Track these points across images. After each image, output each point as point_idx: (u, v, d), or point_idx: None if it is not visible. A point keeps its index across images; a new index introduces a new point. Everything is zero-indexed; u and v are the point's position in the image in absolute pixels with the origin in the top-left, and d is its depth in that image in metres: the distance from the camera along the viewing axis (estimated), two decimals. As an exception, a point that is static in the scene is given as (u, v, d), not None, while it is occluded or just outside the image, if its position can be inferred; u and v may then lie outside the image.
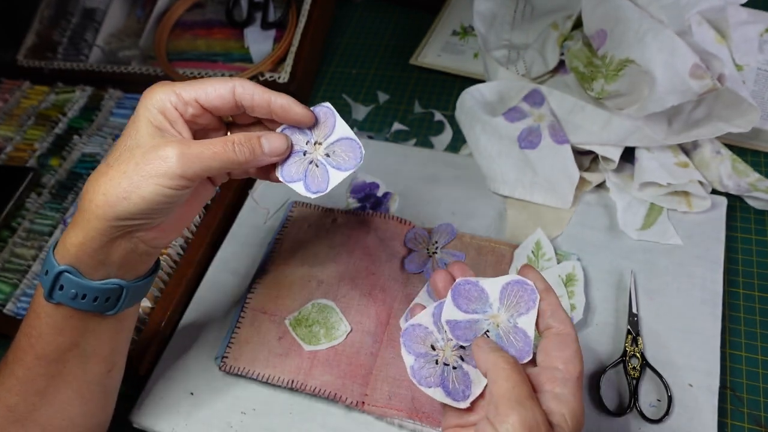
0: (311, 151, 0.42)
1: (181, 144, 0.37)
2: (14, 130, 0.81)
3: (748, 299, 0.53)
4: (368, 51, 0.84)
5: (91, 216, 0.37)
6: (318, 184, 0.42)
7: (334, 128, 0.42)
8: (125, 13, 0.93)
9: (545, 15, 0.72)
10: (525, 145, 0.58)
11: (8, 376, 0.41)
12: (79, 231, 0.38)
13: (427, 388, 0.38)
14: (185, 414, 0.53)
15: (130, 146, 0.38)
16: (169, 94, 0.38)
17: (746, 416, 0.48)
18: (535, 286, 0.39)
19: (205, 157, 0.38)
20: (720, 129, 0.54)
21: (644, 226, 0.56)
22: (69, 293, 0.38)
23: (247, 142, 0.39)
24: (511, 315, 0.39)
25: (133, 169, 0.36)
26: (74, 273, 0.38)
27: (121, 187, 0.36)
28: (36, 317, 0.40)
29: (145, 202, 0.37)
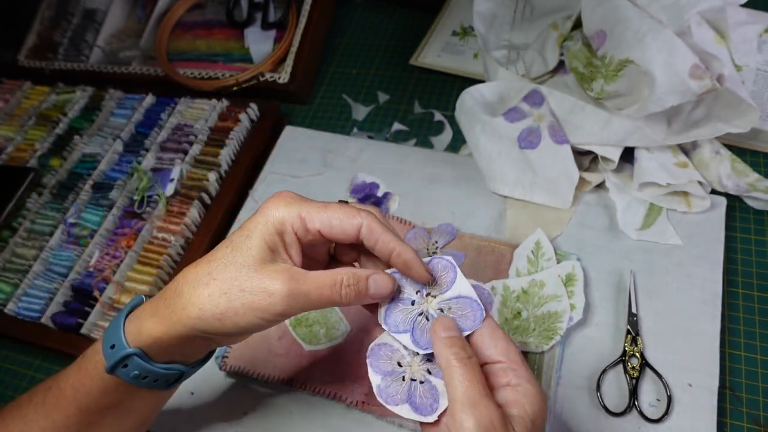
0: (421, 302, 0.38)
1: (290, 282, 0.35)
2: (15, 130, 0.82)
3: (748, 299, 0.53)
4: (368, 51, 0.84)
5: (178, 321, 0.36)
6: (427, 340, 0.37)
7: (454, 284, 0.38)
8: (126, 13, 0.94)
9: (545, 15, 0.72)
10: (525, 146, 0.58)
11: (44, 418, 0.41)
12: (161, 326, 0.37)
13: (394, 406, 0.37)
14: (185, 414, 0.53)
15: (237, 261, 0.36)
16: (294, 218, 0.37)
17: (745, 416, 0.48)
18: None
19: (311, 298, 0.36)
20: (719, 129, 0.54)
21: (644, 226, 0.56)
22: (132, 373, 0.38)
23: (355, 285, 0.37)
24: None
25: (236, 295, 0.35)
26: (142, 357, 0.37)
27: (218, 309, 0.35)
28: (88, 378, 0.39)
29: (238, 328, 0.36)
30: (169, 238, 0.64)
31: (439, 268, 0.39)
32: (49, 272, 0.65)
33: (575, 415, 0.48)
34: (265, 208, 0.37)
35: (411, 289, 0.39)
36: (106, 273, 0.63)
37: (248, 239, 0.36)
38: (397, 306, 0.39)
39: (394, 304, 0.39)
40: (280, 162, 0.70)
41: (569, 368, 0.50)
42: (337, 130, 0.75)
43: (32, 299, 0.63)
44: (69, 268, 0.65)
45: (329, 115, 0.78)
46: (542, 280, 0.53)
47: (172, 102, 0.78)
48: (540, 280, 0.53)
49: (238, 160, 0.71)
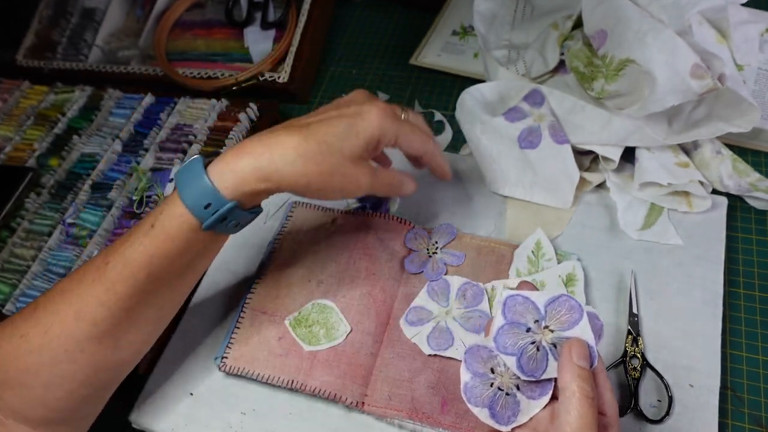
0: (537, 331, 0.39)
1: (372, 177, 0.47)
2: (13, 130, 0.81)
3: (749, 299, 0.53)
4: (368, 51, 0.83)
5: (285, 183, 0.43)
6: (532, 369, 0.38)
7: (576, 326, 0.39)
8: (125, 12, 0.93)
9: (545, 15, 0.72)
10: (525, 145, 0.58)
11: (105, 291, 0.42)
12: (266, 183, 0.42)
13: (474, 407, 0.39)
14: (185, 414, 0.53)
15: (344, 152, 0.44)
16: (393, 136, 0.47)
17: (747, 417, 0.48)
18: None
19: (376, 188, 0.48)
20: (720, 129, 0.54)
21: (645, 226, 0.56)
22: (230, 224, 0.44)
23: (399, 184, 0.51)
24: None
25: (338, 178, 0.44)
26: (240, 207, 0.43)
27: (324, 183, 0.44)
28: (170, 241, 0.42)
29: (325, 197, 0.46)
30: (168, 238, 0.64)
31: (566, 307, 0.40)
32: (47, 272, 0.65)
33: (576, 416, 0.47)
34: (372, 115, 0.45)
35: (530, 317, 0.40)
36: (105, 273, 0.62)
37: (356, 138, 0.45)
38: (512, 328, 0.39)
39: (509, 326, 0.39)
40: (280, 162, 0.70)
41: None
42: (337, 130, 0.74)
43: (31, 300, 0.63)
44: (68, 268, 0.64)
45: (329, 114, 0.77)
46: (543, 280, 0.53)
47: (171, 102, 0.78)
48: (540, 280, 0.53)
49: (238, 160, 0.71)
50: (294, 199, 0.65)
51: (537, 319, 0.39)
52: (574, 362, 0.36)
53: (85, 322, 0.42)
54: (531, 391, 0.38)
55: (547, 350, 0.38)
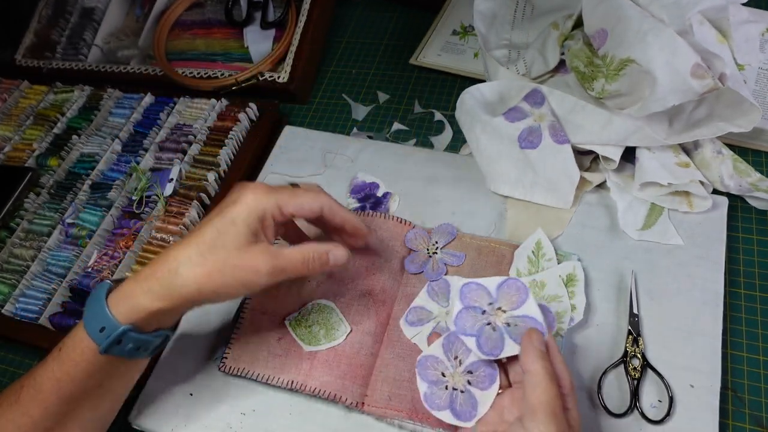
0: (491, 313, 0.43)
1: (272, 260, 0.43)
2: (13, 129, 0.81)
3: (750, 300, 0.53)
4: (368, 50, 0.83)
5: (178, 296, 0.42)
6: (491, 348, 0.41)
7: (524, 304, 0.43)
8: (124, 12, 0.93)
9: (545, 14, 0.71)
10: (525, 145, 0.58)
11: (21, 415, 0.43)
12: (159, 302, 0.42)
13: (438, 411, 0.42)
14: (185, 415, 0.52)
15: (226, 245, 0.43)
16: (273, 207, 0.44)
17: (748, 417, 0.47)
18: None
19: (288, 270, 0.44)
20: (721, 129, 0.54)
21: (645, 226, 0.56)
22: (126, 347, 0.43)
23: (319, 258, 0.46)
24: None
25: (229, 273, 0.42)
26: (136, 331, 0.43)
27: (215, 284, 0.42)
28: (72, 365, 0.43)
29: (228, 297, 0.44)
30: (167, 238, 0.64)
31: (513, 288, 0.44)
32: (47, 273, 0.65)
33: (576, 417, 0.47)
34: (245, 198, 0.44)
35: (483, 301, 0.44)
36: (105, 273, 0.62)
37: (233, 225, 0.43)
38: (469, 312, 0.43)
39: (466, 310, 0.43)
40: (280, 162, 0.70)
41: (570, 369, 0.49)
42: (337, 130, 0.74)
43: (30, 300, 0.63)
44: (67, 268, 0.64)
45: (329, 114, 0.77)
46: (543, 280, 0.53)
47: (170, 101, 0.78)
48: (541, 280, 0.53)
49: (237, 160, 0.71)
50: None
51: (490, 302, 0.43)
52: (535, 346, 0.40)
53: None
54: (481, 383, 0.42)
55: (502, 330, 0.42)
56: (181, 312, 0.45)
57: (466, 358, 0.43)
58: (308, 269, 0.45)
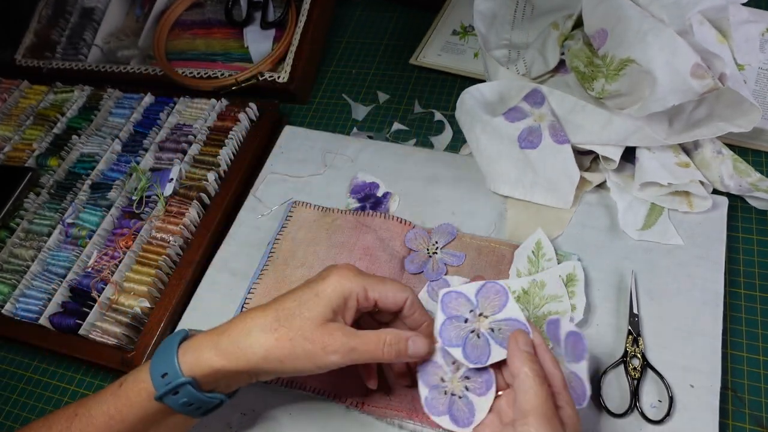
0: (474, 320, 0.43)
1: (345, 338, 0.41)
2: (13, 129, 0.81)
3: (750, 300, 0.53)
4: (368, 50, 0.83)
5: (243, 357, 0.41)
6: (478, 356, 0.41)
7: (505, 307, 0.43)
8: (124, 12, 0.93)
9: (545, 14, 0.71)
10: (525, 145, 0.58)
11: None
12: (223, 360, 0.41)
13: (437, 417, 0.42)
14: (184, 415, 0.52)
15: (303, 315, 0.41)
16: (360, 290, 0.43)
17: (748, 417, 0.47)
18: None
19: (359, 353, 0.42)
20: (721, 129, 0.54)
21: (645, 226, 0.56)
22: (181, 400, 0.41)
23: (396, 344, 0.43)
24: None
25: (299, 343, 0.41)
26: (195, 386, 0.41)
27: (283, 352, 0.41)
28: (127, 405, 0.42)
29: (294, 371, 0.42)
30: (168, 238, 0.64)
31: (492, 292, 0.43)
32: (47, 273, 0.65)
33: (576, 417, 0.47)
34: (335, 278, 0.43)
35: (465, 309, 0.43)
36: (105, 273, 0.62)
37: (317, 298, 0.42)
38: (452, 322, 0.43)
39: (449, 321, 0.43)
40: (280, 162, 0.70)
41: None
42: (337, 130, 0.74)
43: (30, 300, 0.63)
44: (67, 268, 0.64)
45: (329, 114, 0.77)
46: (543, 280, 0.53)
47: (170, 101, 0.78)
48: (541, 280, 0.53)
49: (237, 160, 0.71)
50: (294, 199, 0.65)
51: (471, 309, 0.43)
52: (522, 349, 0.40)
53: None
54: (478, 388, 0.42)
55: (487, 336, 0.42)
56: (242, 379, 0.44)
57: (462, 364, 0.42)
58: (383, 354, 0.42)
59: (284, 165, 0.69)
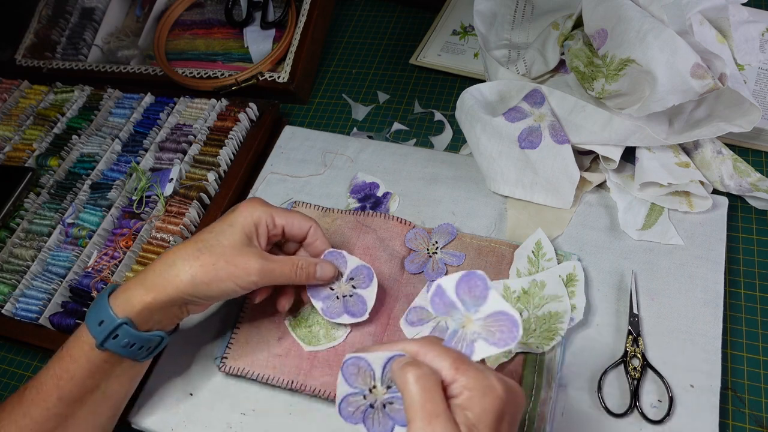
0: (374, 394, 0.38)
1: (262, 260, 0.46)
2: (13, 129, 0.81)
3: (750, 300, 0.53)
4: (368, 50, 0.83)
5: (170, 285, 0.44)
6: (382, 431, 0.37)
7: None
8: (124, 12, 0.93)
9: (546, 14, 0.71)
10: (525, 145, 0.58)
11: (22, 416, 0.43)
12: (152, 293, 0.44)
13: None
14: (185, 415, 0.52)
15: (222, 243, 0.46)
16: (267, 216, 0.48)
17: (748, 417, 0.47)
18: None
19: (276, 274, 0.47)
20: (721, 129, 0.54)
21: (645, 226, 0.56)
22: (122, 342, 0.44)
23: (307, 267, 0.49)
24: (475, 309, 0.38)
25: (222, 266, 0.45)
26: (131, 325, 0.44)
27: (208, 276, 0.45)
28: (72, 361, 0.44)
29: (219, 292, 0.46)
30: (167, 238, 0.64)
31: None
32: (47, 273, 0.65)
33: (576, 416, 0.47)
34: (244, 208, 0.48)
35: (363, 383, 0.38)
36: (105, 273, 0.62)
37: (231, 227, 0.47)
38: (353, 397, 0.38)
39: (351, 396, 0.38)
40: (280, 162, 0.70)
41: (570, 369, 0.50)
42: (337, 130, 0.74)
43: (30, 300, 0.63)
44: (67, 268, 0.64)
45: (329, 114, 0.77)
46: (543, 280, 0.53)
47: (170, 101, 0.78)
48: (541, 280, 0.53)
49: (237, 160, 0.71)
50: (294, 199, 0.65)
51: (374, 384, 0.38)
52: (401, 369, 0.34)
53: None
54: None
55: (385, 410, 0.37)
56: (174, 312, 0.47)
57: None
58: (296, 276, 0.48)
59: (284, 165, 0.69)
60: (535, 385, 0.48)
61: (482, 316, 0.37)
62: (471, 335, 0.37)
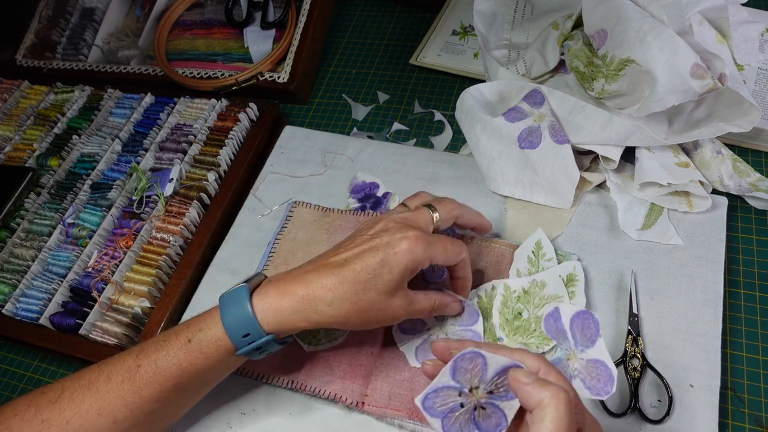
0: (470, 396, 0.37)
1: (408, 305, 0.46)
2: (13, 129, 0.81)
3: (749, 299, 0.53)
4: (368, 50, 0.83)
5: (323, 322, 0.44)
6: (494, 426, 0.37)
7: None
8: (124, 12, 0.93)
9: (545, 14, 0.71)
10: (525, 145, 0.58)
11: (132, 393, 0.44)
12: (305, 323, 0.44)
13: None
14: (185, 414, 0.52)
15: (378, 288, 0.44)
16: (426, 261, 0.46)
17: (747, 417, 0.47)
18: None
19: (415, 315, 0.48)
20: (721, 129, 0.54)
21: (645, 226, 0.56)
22: (264, 353, 0.46)
23: (441, 308, 0.50)
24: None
25: (374, 314, 0.45)
26: (275, 339, 0.45)
27: (360, 320, 0.45)
28: (203, 358, 0.44)
29: (357, 328, 0.48)
30: (168, 238, 0.64)
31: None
32: (47, 273, 0.65)
33: (576, 416, 0.47)
34: (407, 249, 0.45)
35: (467, 381, 0.37)
36: (105, 273, 0.62)
37: (390, 274, 0.44)
38: (443, 391, 0.37)
39: (446, 389, 0.37)
40: (280, 162, 0.70)
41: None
42: (337, 130, 0.74)
43: (30, 300, 0.63)
44: (67, 268, 0.64)
45: (329, 114, 0.77)
46: (543, 280, 0.53)
47: (171, 102, 0.78)
48: (541, 280, 0.53)
49: (238, 160, 0.71)
50: (295, 199, 0.65)
51: (477, 385, 0.37)
52: (528, 380, 0.35)
53: (107, 419, 0.43)
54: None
55: (474, 414, 0.37)
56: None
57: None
58: (430, 315, 0.50)
59: (284, 165, 0.69)
60: (535, 385, 0.48)
61: (587, 358, 0.39)
62: (572, 371, 0.40)
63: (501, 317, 0.52)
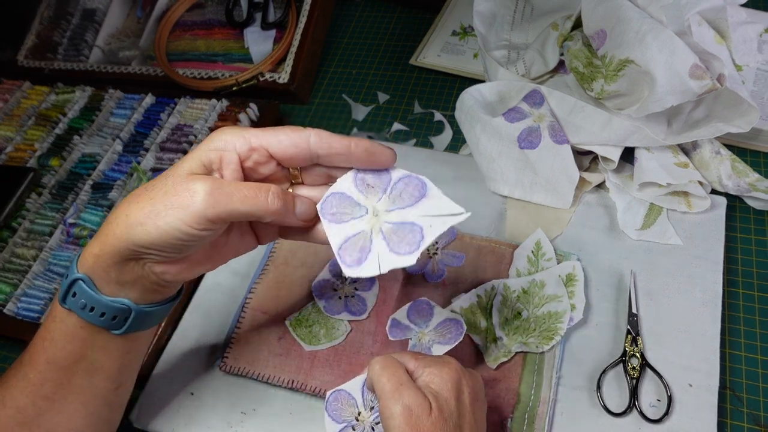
0: (361, 421, 0.43)
1: (213, 181, 0.35)
2: (14, 130, 0.81)
3: (748, 299, 0.53)
4: (368, 51, 0.84)
5: (110, 233, 0.37)
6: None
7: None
8: (125, 13, 0.94)
9: (545, 15, 0.72)
10: (525, 146, 0.58)
11: (21, 379, 0.42)
12: (98, 244, 0.38)
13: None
14: (185, 414, 0.53)
15: (169, 174, 0.37)
16: (236, 137, 0.37)
17: (746, 416, 0.48)
18: None
19: (235, 198, 0.35)
20: (720, 129, 0.54)
21: (644, 226, 0.56)
22: (79, 302, 0.39)
23: (282, 196, 0.37)
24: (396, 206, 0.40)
25: (159, 197, 0.35)
26: (88, 283, 0.38)
27: (142, 212, 0.36)
28: (52, 320, 0.41)
29: (159, 232, 0.35)
30: (168, 238, 0.64)
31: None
32: (48, 272, 0.65)
33: (575, 416, 0.48)
34: (209, 136, 0.38)
35: (351, 411, 0.43)
36: (106, 273, 0.62)
37: (185, 160, 0.37)
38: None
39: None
40: (280, 162, 0.70)
41: (569, 368, 0.50)
42: (337, 130, 0.74)
43: (32, 300, 0.63)
44: (68, 268, 0.64)
45: (329, 115, 0.78)
46: (542, 280, 0.53)
47: (171, 102, 0.78)
48: (540, 280, 0.53)
49: (238, 160, 0.71)
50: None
51: (359, 411, 0.42)
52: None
53: (12, 407, 0.41)
54: None
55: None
56: (135, 273, 0.38)
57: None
58: (267, 200, 0.36)
59: (285, 165, 0.69)
60: (535, 385, 0.49)
61: (433, 327, 0.44)
62: (427, 343, 0.46)
63: (500, 317, 0.52)
